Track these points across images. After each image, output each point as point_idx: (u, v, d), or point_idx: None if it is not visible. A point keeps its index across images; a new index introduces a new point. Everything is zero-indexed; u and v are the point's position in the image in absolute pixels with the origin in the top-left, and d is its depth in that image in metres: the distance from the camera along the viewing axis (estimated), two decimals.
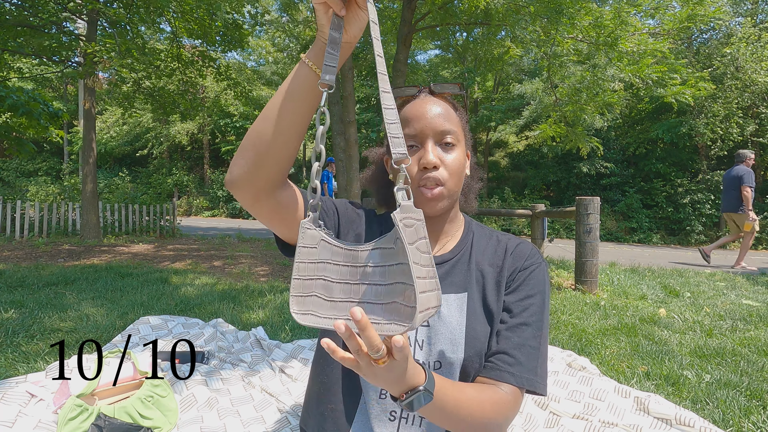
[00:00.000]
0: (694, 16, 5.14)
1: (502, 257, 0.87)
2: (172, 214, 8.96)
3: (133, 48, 6.01)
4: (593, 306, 3.28)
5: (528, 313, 0.81)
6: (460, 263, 0.87)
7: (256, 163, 0.67)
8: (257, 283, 3.96)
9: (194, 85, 7.97)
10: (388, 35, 9.78)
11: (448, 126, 0.80)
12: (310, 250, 0.63)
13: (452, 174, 0.80)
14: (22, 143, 7.77)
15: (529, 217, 5.32)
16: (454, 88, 0.86)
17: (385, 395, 0.80)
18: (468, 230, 0.92)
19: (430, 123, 0.80)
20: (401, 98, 0.87)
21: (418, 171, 0.79)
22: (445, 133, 0.80)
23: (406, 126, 0.81)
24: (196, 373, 1.73)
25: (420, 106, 0.82)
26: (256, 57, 21.07)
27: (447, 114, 0.82)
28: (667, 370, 2.00)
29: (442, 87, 0.85)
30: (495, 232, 0.94)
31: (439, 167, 0.79)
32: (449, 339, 0.78)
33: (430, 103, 0.82)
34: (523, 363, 0.77)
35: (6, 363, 1.88)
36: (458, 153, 0.82)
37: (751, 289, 4.05)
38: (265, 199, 0.70)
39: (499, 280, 0.85)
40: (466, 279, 0.85)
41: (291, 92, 0.67)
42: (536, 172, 15.24)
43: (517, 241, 0.90)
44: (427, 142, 0.79)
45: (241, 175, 0.68)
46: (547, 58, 6.02)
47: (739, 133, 11.53)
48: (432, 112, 0.80)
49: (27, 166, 21.19)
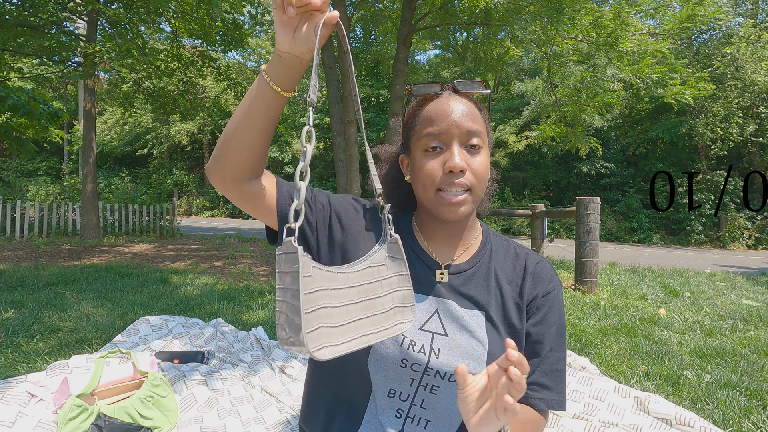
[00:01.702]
0: (694, 16, 5.14)
1: (521, 276, 0.85)
2: (172, 214, 8.96)
3: (133, 48, 6.01)
4: (593, 306, 3.27)
5: (552, 338, 0.82)
6: (477, 275, 0.84)
7: (221, 157, 0.72)
8: (257, 283, 3.96)
9: (194, 85, 7.98)
10: (388, 35, 9.79)
11: (475, 126, 0.75)
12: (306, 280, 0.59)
13: (479, 179, 0.76)
14: (23, 143, 7.78)
15: (529, 217, 5.33)
16: (479, 87, 0.80)
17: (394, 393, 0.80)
18: (486, 240, 0.89)
19: (456, 123, 0.74)
20: (423, 96, 0.82)
21: (443, 174, 0.74)
22: (471, 134, 0.75)
23: (430, 124, 0.76)
24: (196, 373, 1.73)
25: (445, 104, 0.77)
26: (256, 57, 21.07)
27: (473, 114, 0.77)
28: (667, 370, 2.00)
29: (467, 85, 0.80)
30: (512, 242, 0.91)
31: (466, 171, 0.74)
32: (468, 354, 0.78)
33: (455, 101, 0.77)
34: (552, 388, 0.80)
35: (6, 363, 1.88)
36: (484, 156, 0.77)
37: (751, 289, 4.05)
38: (233, 188, 0.74)
39: (518, 303, 0.83)
40: (484, 295, 0.83)
41: (249, 102, 0.69)
42: (536, 172, 15.24)
43: (536, 259, 0.88)
44: (453, 144, 0.75)
45: (211, 164, 0.74)
46: (547, 58, 6.02)
47: (739, 133, 11.53)
48: (458, 111, 0.75)
49: (27, 166, 21.20)
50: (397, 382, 0.79)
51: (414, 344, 0.77)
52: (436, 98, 0.79)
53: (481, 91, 0.80)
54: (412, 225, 0.89)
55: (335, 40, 6.10)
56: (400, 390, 0.79)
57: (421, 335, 0.78)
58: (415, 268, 0.84)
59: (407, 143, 0.84)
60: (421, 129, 0.78)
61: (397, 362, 0.78)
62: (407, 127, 0.84)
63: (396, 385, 0.79)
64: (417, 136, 0.79)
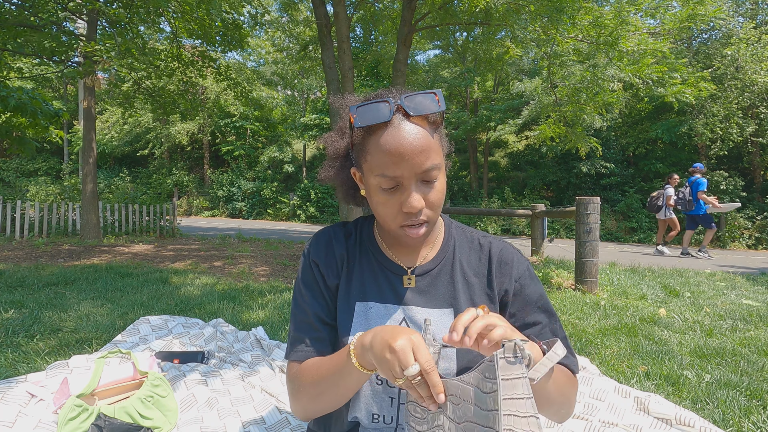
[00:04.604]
0: (695, 16, 5.13)
1: (487, 266, 0.85)
2: (172, 214, 8.96)
3: (133, 48, 6.01)
4: (593, 306, 3.27)
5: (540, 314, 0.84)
6: (443, 273, 0.85)
7: (316, 413, 0.82)
8: (257, 283, 3.96)
9: (194, 85, 7.97)
10: (388, 35, 9.78)
11: (431, 162, 0.70)
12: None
13: (436, 207, 0.75)
14: (24, 141, 7.76)
15: (529, 217, 5.33)
16: (432, 104, 0.71)
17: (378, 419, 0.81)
18: (449, 234, 0.89)
19: (411, 165, 0.69)
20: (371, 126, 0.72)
21: (401, 213, 0.73)
22: (428, 171, 0.71)
23: (384, 166, 0.70)
24: (195, 373, 1.73)
25: (399, 139, 0.69)
26: (256, 57, 21.08)
27: (428, 145, 0.70)
28: (667, 370, 2.00)
29: (418, 105, 0.70)
30: (475, 233, 0.90)
31: (423, 208, 0.73)
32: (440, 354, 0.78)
33: (407, 133, 0.69)
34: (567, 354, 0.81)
35: (6, 363, 1.88)
36: (440, 181, 0.75)
37: (751, 289, 4.05)
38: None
39: (489, 294, 0.84)
40: (451, 292, 0.83)
41: (338, 383, 0.74)
42: (536, 172, 15.24)
43: (499, 246, 0.87)
44: (410, 185, 0.71)
45: (301, 416, 0.82)
46: (547, 58, 6.02)
47: (739, 134, 11.53)
48: (413, 147, 0.69)
49: (27, 166, 21.19)
50: (378, 404, 0.80)
51: None
52: (386, 129, 0.71)
53: (435, 111, 0.71)
54: (374, 233, 0.89)
55: (335, 39, 6.10)
56: (383, 414, 0.80)
57: None
58: (383, 278, 0.84)
59: (357, 160, 0.78)
60: (373, 163, 0.72)
61: (372, 380, 0.80)
62: (357, 149, 0.77)
63: (377, 409, 0.80)
64: (369, 166, 0.74)
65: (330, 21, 6.08)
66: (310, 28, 11.23)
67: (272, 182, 19.19)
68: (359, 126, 0.72)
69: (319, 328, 0.83)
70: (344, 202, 0.91)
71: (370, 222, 0.91)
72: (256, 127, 19.65)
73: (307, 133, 18.62)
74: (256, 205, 18.92)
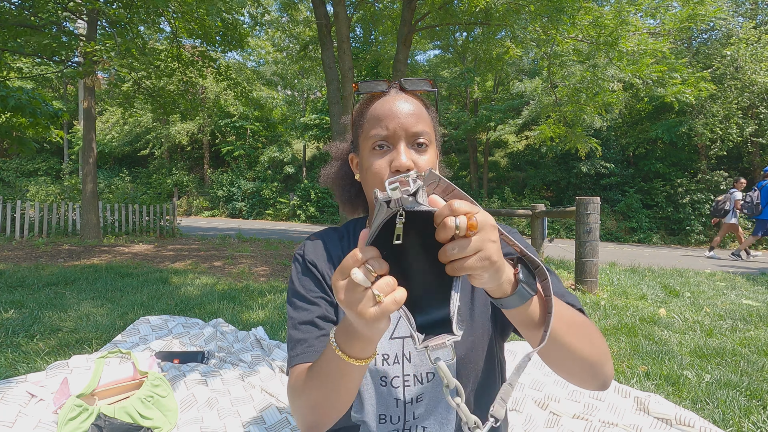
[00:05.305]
0: (695, 16, 5.13)
1: None
2: (172, 214, 8.96)
3: (133, 48, 6.01)
4: (593, 306, 3.27)
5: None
6: None
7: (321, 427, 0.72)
8: (257, 283, 3.96)
9: (194, 85, 7.97)
10: (388, 35, 9.78)
11: (421, 127, 0.76)
12: None
13: None
14: (24, 141, 7.76)
15: (529, 217, 5.33)
16: (425, 84, 0.80)
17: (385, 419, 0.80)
18: None
19: (402, 123, 0.75)
20: (370, 94, 0.81)
21: (390, 173, 0.75)
22: (418, 134, 0.75)
23: (377, 124, 0.76)
24: (195, 373, 1.73)
25: (391, 104, 0.76)
26: (255, 57, 21.07)
27: (419, 113, 0.77)
28: (667, 370, 2.00)
29: (414, 83, 0.80)
30: None
31: (413, 169, 0.74)
32: None
33: (401, 100, 0.77)
34: (574, 303, 0.74)
35: (6, 363, 1.87)
36: (430, 154, 0.78)
37: (751, 289, 4.05)
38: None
39: None
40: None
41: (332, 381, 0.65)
42: (536, 172, 15.24)
43: None
44: (399, 143, 0.75)
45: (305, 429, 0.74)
46: (547, 58, 6.02)
47: (739, 134, 11.54)
48: (404, 111, 0.76)
49: (27, 166, 21.20)
50: (384, 405, 0.80)
51: (387, 357, 0.78)
52: (382, 96, 0.79)
53: (427, 89, 0.80)
54: None
55: (335, 39, 6.10)
56: (389, 414, 0.80)
57: (392, 345, 0.80)
58: None
59: (356, 141, 0.84)
60: (368, 128, 0.78)
61: (377, 382, 0.79)
62: (355, 125, 0.84)
63: (383, 410, 0.80)
64: (365, 135, 0.79)
65: (330, 21, 6.08)
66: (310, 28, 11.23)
67: (272, 182, 19.20)
68: (360, 92, 0.80)
69: (323, 326, 0.82)
70: (341, 203, 0.93)
71: (362, 222, 0.92)
72: (256, 127, 19.66)
73: (307, 133, 18.63)
74: (256, 205, 18.93)
